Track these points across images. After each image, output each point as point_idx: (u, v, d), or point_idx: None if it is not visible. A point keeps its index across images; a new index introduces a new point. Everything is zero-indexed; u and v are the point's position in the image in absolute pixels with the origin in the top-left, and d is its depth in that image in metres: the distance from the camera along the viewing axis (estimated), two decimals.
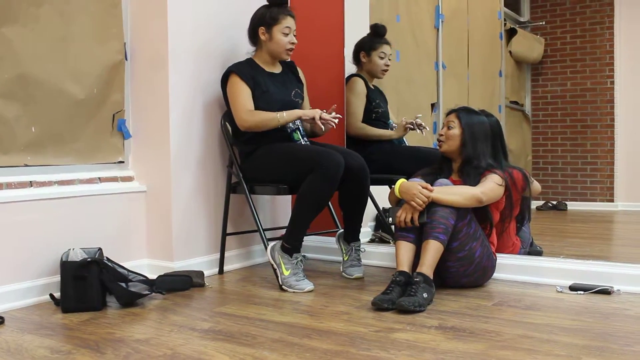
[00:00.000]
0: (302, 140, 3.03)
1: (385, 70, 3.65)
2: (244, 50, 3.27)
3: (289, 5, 3.17)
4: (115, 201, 3.02)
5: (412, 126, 3.52)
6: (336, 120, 2.95)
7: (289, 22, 3.07)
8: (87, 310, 2.47)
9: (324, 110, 2.94)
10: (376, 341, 2.03)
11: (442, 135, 2.89)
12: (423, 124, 3.52)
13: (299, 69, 3.33)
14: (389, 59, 3.65)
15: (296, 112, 2.96)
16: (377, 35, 3.64)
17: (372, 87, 3.66)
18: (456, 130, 2.85)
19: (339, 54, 3.57)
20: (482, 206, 2.70)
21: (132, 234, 3.11)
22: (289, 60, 3.22)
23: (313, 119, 2.92)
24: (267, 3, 3.12)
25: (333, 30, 3.60)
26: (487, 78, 5.06)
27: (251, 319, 2.34)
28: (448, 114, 2.94)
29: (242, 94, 3.02)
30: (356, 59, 3.66)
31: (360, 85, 3.59)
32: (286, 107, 3.06)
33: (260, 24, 3.08)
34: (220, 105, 3.27)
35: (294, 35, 3.09)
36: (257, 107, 3.01)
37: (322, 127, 2.94)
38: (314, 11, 3.65)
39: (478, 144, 2.82)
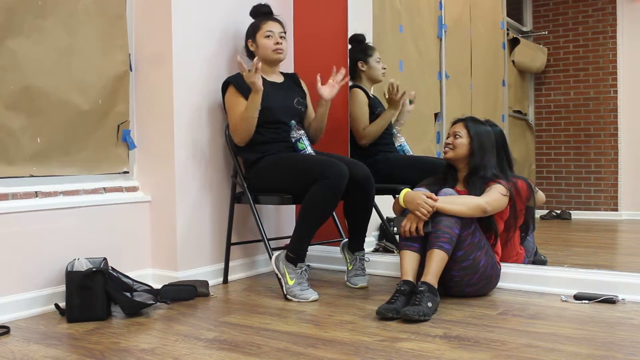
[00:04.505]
0: (307, 149, 3.04)
1: (384, 73, 3.71)
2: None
3: (273, 13, 3.26)
4: (120, 211, 3.03)
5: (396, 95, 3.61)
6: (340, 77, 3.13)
7: (269, 25, 3.17)
8: (92, 320, 2.48)
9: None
10: (381, 350, 2.03)
11: (449, 143, 2.89)
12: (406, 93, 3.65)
13: (301, 80, 3.36)
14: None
15: (252, 93, 2.93)
16: (361, 42, 3.67)
17: (372, 96, 3.68)
18: (464, 140, 2.85)
19: (343, 66, 3.58)
20: (486, 216, 2.70)
21: (137, 243, 3.11)
22: (292, 72, 3.25)
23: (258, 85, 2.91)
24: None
25: (336, 41, 3.61)
26: (490, 88, 5.06)
27: (256, 328, 2.35)
28: (455, 122, 2.93)
29: (237, 106, 3.05)
30: (353, 71, 3.67)
31: (361, 96, 3.62)
32: (288, 112, 3.10)
33: (248, 38, 3.24)
34: (225, 115, 3.29)
35: (281, 37, 3.17)
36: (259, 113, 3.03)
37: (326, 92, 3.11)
38: (317, 23, 3.67)
39: (486, 155, 2.82)
